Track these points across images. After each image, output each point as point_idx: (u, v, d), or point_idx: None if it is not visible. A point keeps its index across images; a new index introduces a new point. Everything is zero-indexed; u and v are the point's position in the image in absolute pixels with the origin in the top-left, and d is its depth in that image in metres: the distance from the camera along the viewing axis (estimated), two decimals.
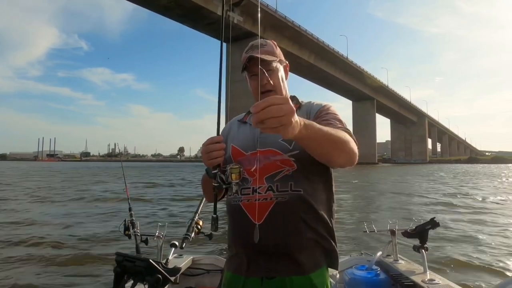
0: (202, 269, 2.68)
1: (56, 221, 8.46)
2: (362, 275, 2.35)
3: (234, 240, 1.29)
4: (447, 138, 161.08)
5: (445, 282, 2.11)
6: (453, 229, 7.41)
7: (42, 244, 6.19)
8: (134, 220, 2.25)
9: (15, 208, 10.63)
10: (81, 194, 14.59)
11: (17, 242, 6.33)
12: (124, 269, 1.01)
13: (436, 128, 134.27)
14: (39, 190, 16.37)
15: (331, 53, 57.97)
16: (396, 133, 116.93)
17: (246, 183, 1.23)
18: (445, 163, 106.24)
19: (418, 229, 2.33)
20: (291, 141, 1.23)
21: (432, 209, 10.38)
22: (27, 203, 11.84)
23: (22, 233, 6.99)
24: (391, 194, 14.92)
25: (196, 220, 2.24)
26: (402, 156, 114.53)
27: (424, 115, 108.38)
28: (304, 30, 50.50)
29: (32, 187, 18.27)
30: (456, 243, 6.32)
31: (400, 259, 2.51)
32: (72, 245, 6.13)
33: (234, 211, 1.26)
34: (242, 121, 1.43)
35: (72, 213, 9.71)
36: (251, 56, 1.28)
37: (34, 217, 8.88)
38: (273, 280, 1.18)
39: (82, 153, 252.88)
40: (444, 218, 8.42)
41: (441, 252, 5.52)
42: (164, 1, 38.28)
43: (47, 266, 5.00)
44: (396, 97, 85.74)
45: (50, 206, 11.17)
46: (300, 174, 1.22)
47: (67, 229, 7.52)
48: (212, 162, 1.15)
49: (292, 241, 0.88)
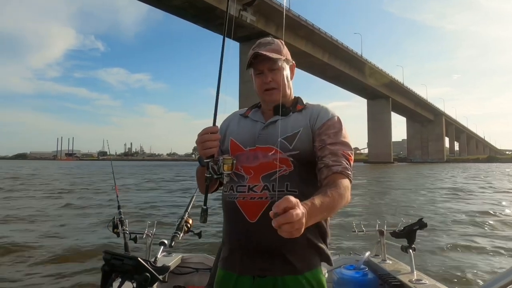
0: (191, 268, 2.67)
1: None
2: (350, 275, 2.37)
3: (228, 238, 1.30)
4: (465, 136, 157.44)
5: (432, 282, 2.12)
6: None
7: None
8: (123, 218, 2.26)
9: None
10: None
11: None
12: (112, 267, 1.00)
13: (453, 127, 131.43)
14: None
15: (345, 52, 57.35)
16: (412, 131, 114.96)
17: (242, 181, 1.24)
18: (463, 162, 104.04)
19: (406, 229, 2.34)
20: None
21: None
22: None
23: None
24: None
25: (186, 219, 2.25)
26: (418, 155, 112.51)
27: (441, 113, 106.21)
28: (318, 28, 50.11)
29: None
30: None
31: (388, 259, 2.52)
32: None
33: (229, 208, 1.27)
34: (244, 116, 1.41)
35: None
36: (257, 53, 1.27)
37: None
38: (265, 278, 1.20)
39: (99, 152, 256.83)
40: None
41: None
42: (178, 2, 38.52)
43: (32, 266, 5.05)
44: (412, 95, 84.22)
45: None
46: (297, 175, 1.23)
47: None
48: (206, 152, 1.17)
49: (285, 241, 0.91)
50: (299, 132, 1.27)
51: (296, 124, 1.29)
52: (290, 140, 1.25)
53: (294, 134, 1.26)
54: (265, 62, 1.29)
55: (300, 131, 1.27)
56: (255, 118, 1.37)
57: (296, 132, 1.27)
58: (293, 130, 1.27)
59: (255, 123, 1.35)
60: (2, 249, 5.82)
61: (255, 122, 1.35)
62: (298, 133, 1.27)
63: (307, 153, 1.24)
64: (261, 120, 1.35)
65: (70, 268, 4.93)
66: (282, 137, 1.24)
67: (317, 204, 0.98)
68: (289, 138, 1.26)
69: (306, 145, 1.25)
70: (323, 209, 1.01)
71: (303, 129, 1.27)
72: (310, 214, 0.92)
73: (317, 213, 0.98)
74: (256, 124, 1.34)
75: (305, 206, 0.91)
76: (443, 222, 8.38)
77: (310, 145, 1.25)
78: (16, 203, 11.56)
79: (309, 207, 0.93)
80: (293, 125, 1.29)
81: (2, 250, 5.78)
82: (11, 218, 8.71)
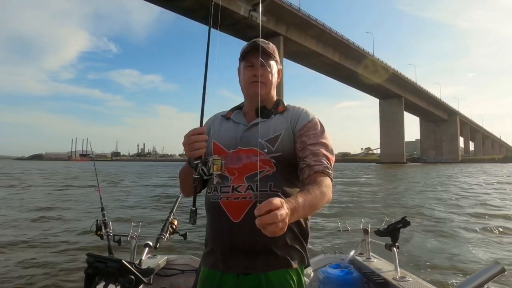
0: (177, 270, 2.65)
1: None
2: (335, 274, 2.38)
3: (212, 237, 1.31)
4: (480, 136, 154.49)
5: (415, 280, 2.12)
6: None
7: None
8: (106, 220, 2.23)
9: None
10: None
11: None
12: (95, 270, 0.99)
13: (468, 126, 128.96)
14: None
15: (356, 51, 56.87)
16: (425, 131, 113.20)
17: (226, 181, 1.26)
18: (478, 162, 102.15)
19: (390, 228, 2.35)
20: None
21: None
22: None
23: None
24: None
25: (171, 220, 2.24)
26: (432, 155, 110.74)
27: (455, 112, 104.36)
28: (328, 28, 49.79)
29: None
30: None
31: (373, 257, 2.52)
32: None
33: (213, 209, 1.29)
34: (226, 117, 1.43)
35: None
36: (255, 43, 1.31)
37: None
38: (248, 276, 1.22)
39: (112, 153, 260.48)
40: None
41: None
42: (188, 3, 38.82)
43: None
44: (425, 94, 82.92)
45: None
46: (280, 175, 1.26)
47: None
48: (194, 153, 1.17)
49: (268, 239, 0.94)
50: (281, 135, 1.30)
51: (278, 127, 1.32)
52: (272, 142, 1.28)
53: (276, 137, 1.29)
54: (259, 56, 1.30)
55: (282, 133, 1.30)
56: (237, 120, 1.39)
57: (278, 134, 1.30)
58: (275, 133, 1.30)
59: (237, 125, 1.38)
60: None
61: (237, 124, 1.38)
62: (280, 135, 1.30)
63: (288, 155, 1.27)
64: (243, 122, 1.37)
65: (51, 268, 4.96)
66: (264, 139, 1.28)
67: (300, 202, 1.01)
68: (271, 140, 1.29)
69: (287, 147, 1.28)
70: (306, 207, 1.04)
71: (285, 131, 1.30)
72: (293, 211, 0.96)
73: (300, 211, 1.01)
74: (239, 126, 1.36)
75: (289, 204, 0.93)
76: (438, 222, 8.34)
77: (291, 147, 1.28)
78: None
79: (293, 204, 0.96)
80: (275, 128, 1.32)
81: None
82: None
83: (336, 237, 6.03)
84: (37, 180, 24.18)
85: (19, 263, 5.16)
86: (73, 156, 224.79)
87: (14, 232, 7.23)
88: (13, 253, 5.75)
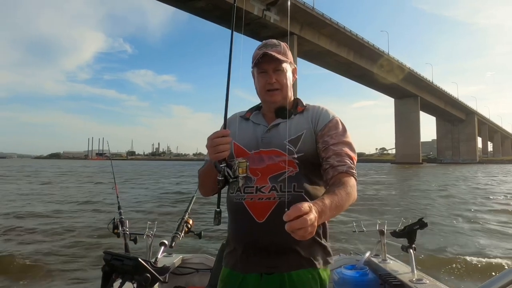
0: (192, 268, 2.68)
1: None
2: (350, 275, 2.36)
3: (235, 237, 1.32)
4: (499, 136, 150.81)
5: (433, 282, 2.09)
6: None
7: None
8: (123, 219, 2.26)
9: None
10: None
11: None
12: (112, 268, 1.00)
13: (486, 126, 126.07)
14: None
15: (370, 50, 56.20)
16: (442, 131, 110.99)
17: (249, 182, 1.26)
18: (496, 163, 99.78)
19: (406, 229, 2.31)
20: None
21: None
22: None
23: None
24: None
25: (186, 219, 2.25)
26: (449, 155, 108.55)
27: (473, 112, 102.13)
28: (343, 27, 49.35)
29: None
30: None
31: (389, 259, 2.49)
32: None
33: (236, 209, 1.29)
34: (245, 118, 1.42)
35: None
36: (265, 53, 1.29)
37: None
38: (272, 275, 1.23)
39: (128, 152, 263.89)
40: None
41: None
42: (202, 4, 39.02)
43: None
44: (442, 93, 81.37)
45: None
46: (303, 175, 1.26)
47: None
48: (218, 156, 1.15)
49: (292, 240, 0.94)
50: (303, 135, 1.30)
51: (298, 127, 1.32)
52: (294, 142, 1.28)
53: (298, 137, 1.29)
54: (271, 62, 1.30)
55: (303, 134, 1.30)
56: (257, 121, 1.39)
57: (299, 134, 1.30)
58: (296, 133, 1.30)
59: (257, 126, 1.37)
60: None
61: (257, 125, 1.37)
62: (302, 135, 1.30)
63: (311, 155, 1.27)
64: (263, 123, 1.37)
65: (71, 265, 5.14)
66: (285, 139, 1.27)
67: (327, 204, 1.00)
68: (293, 140, 1.29)
69: (310, 147, 1.28)
70: (333, 209, 1.03)
71: (306, 132, 1.30)
72: (321, 214, 0.95)
73: (327, 213, 1.01)
74: (258, 127, 1.36)
75: (317, 207, 0.93)
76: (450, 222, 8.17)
77: (313, 147, 1.28)
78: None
79: (321, 207, 0.96)
80: (296, 128, 1.32)
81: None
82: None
83: (351, 237, 5.97)
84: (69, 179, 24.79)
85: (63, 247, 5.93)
86: (90, 155, 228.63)
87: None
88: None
